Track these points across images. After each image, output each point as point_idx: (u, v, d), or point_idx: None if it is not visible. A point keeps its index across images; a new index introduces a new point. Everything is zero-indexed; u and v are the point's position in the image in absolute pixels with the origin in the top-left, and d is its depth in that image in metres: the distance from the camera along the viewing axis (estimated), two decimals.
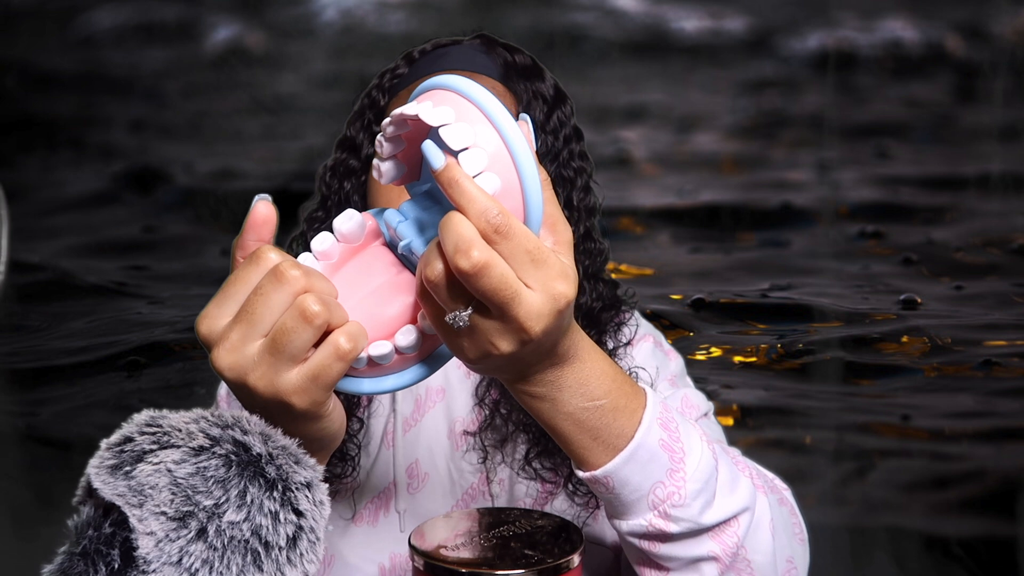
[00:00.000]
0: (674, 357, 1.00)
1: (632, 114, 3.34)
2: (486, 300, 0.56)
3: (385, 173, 0.63)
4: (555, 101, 0.92)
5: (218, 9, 3.24)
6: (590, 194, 0.95)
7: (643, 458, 0.68)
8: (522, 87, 0.90)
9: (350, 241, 0.64)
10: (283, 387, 0.58)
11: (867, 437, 2.30)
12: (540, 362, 0.63)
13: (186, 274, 2.94)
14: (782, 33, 3.36)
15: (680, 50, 3.40)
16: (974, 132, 3.18)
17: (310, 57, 3.28)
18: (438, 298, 0.57)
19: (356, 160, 0.94)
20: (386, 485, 0.93)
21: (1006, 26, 3.12)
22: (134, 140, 3.28)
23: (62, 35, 3.23)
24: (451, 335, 0.59)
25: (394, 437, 0.93)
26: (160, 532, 0.59)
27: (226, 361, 0.58)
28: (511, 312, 0.57)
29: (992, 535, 2.07)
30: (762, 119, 3.38)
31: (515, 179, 0.56)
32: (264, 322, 0.57)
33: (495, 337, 0.58)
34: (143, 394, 2.39)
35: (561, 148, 0.92)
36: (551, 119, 0.91)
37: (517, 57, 0.93)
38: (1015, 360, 2.41)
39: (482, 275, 0.54)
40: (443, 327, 0.59)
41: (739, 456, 0.83)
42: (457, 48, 0.93)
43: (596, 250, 0.95)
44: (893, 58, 3.31)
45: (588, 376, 0.66)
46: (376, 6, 3.24)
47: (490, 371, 0.64)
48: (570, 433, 0.67)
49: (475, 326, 0.58)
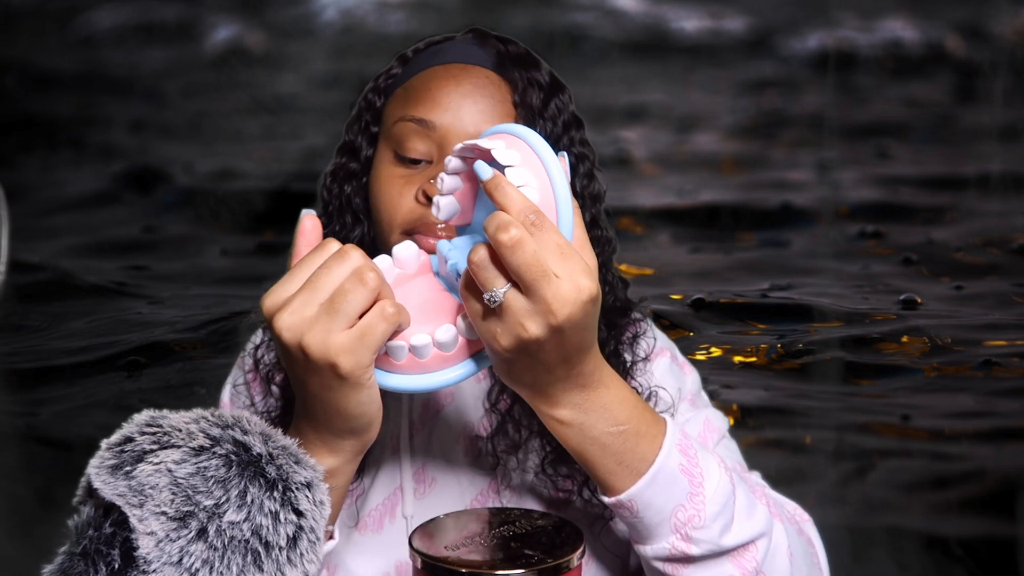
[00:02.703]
0: (690, 371, 0.99)
1: (632, 114, 3.34)
2: (519, 276, 0.63)
3: (444, 208, 0.72)
4: (551, 88, 0.91)
5: (218, 9, 3.24)
6: (594, 181, 0.94)
7: (664, 481, 0.72)
8: (516, 75, 0.89)
9: (404, 267, 0.73)
10: (333, 345, 0.64)
11: (867, 437, 2.30)
12: (567, 377, 0.69)
13: (186, 274, 2.94)
14: (782, 33, 3.36)
15: (680, 50, 3.40)
16: (974, 132, 3.18)
17: (310, 57, 3.28)
18: (479, 280, 0.64)
19: (356, 163, 0.93)
20: (392, 490, 0.91)
21: (1006, 26, 3.12)
22: (134, 140, 3.28)
23: (62, 35, 3.24)
24: (487, 323, 0.66)
25: (401, 441, 0.92)
26: (160, 532, 0.59)
27: (286, 323, 0.65)
28: (540, 291, 0.63)
29: (992, 535, 2.07)
30: (762, 119, 3.38)
31: (552, 200, 0.66)
32: (325, 289, 0.65)
33: (525, 318, 0.64)
34: (143, 394, 2.39)
35: (561, 134, 0.91)
36: (548, 106, 0.90)
37: (510, 47, 0.92)
38: (1015, 360, 2.41)
39: (517, 248, 0.62)
40: (480, 314, 0.66)
41: (758, 481, 0.87)
42: (451, 43, 0.93)
43: (604, 238, 0.94)
44: (893, 58, 3.31)
45: (612, 401, 0.71)
46: (376, 6, 3.24)
47: (519, 375, 0.69)
48: (596, 458, 0.72)
49: (508, 306, 0.64)
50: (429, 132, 0.86)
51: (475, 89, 0.87)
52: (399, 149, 0.88)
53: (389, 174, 0.88)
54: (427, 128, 0.86)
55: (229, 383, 1.02)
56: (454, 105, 0.86)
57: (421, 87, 0.89)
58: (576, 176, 0.92)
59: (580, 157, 0.93)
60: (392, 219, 0.87)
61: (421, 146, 0.87)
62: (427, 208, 0.85)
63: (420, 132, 0.86)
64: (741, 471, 0.91)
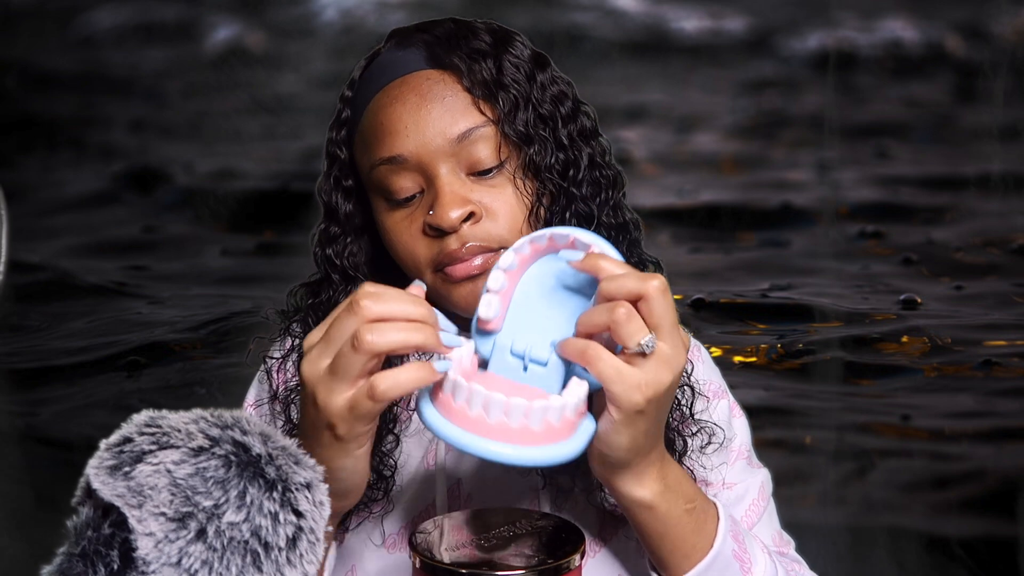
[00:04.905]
0: (739, 416, 0.95)
1: (632, 114, 3.34)
2: (666, 320, 0.65)
3: (493, 307, 0.70)
4: (497, 46, 0.84)
5: (218, 9, 3.24)
6: (580, 116, 0.87)
7: (721, 565, 0.75)
8: (454, 58, 0.82)
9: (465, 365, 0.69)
10: (332, 408, 0.65)
11: (867, 437, 2.30)
12: (655, 446, 0.70)
13: (186, 274, 2.94)
14: (782, 33, 3.36)
15: (680, 50, 3.40)
16: (974, 132, 3.18)
17: (310, 57, 3.28)
18: (625, 333, 0.64)
19: (336, 226, 0.89)
20: (424, 507, 0.87)
21: (1006, 26, 3.12)
22: (134, 140, 3.28)
23: (62, 35, 3.24)
24: (630, 376, 0.65)
25: (437, 456, 0.88)
26: (159, 533, 0.59)
27: (305, 371, 0.66)
28: (674, 336, 0.66)
29: (992, 535, 2.07)
30: (762, 119, 3.38)
31: None
32: (335, 344, 0.64)
33: (663, 364, 0.66)
34: (143, 394, 2.39)
35: (536, 94, 0.83)
36: (504, 69, 0.83)
37: (436, 31, 0.85)
38: (1015, 360, 2.41)
39: (666, 292, 0.65)
40: (620, 370, 0.65)
41: (795, 558, 0.90)
42: (379, 60, 0.86)
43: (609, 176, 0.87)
44: (893, 58, 3.31)
45: (681, 476, 0.74)
46: (376, 6, 3.24)
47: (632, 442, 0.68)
48: (676, 538, 0.74)
49: (656, 352, 0.66)
50: (404, 166, 0.81)
51: (421, 98, 0.81)
52: (387, 195, 0.83)
53: (393, 222, 0.84)
54: (400, 163, 0.81)
55: (252, 399, 0.96)
56: (411, 126, 0.81)
57: (373, 125, 0.83)
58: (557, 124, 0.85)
59: (557, 98, 0.85)
60: (417, 263, 0.83)
61: (406, 183, 0.82)
62: (439, 239, 0.81)
63: (396, 170, 0.82)
64: (780, 542, 0.91)
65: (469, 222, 0.80)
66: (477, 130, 0.81)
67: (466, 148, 0.81)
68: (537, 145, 0.82)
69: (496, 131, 0.82)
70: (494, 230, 0.81)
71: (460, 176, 0.82)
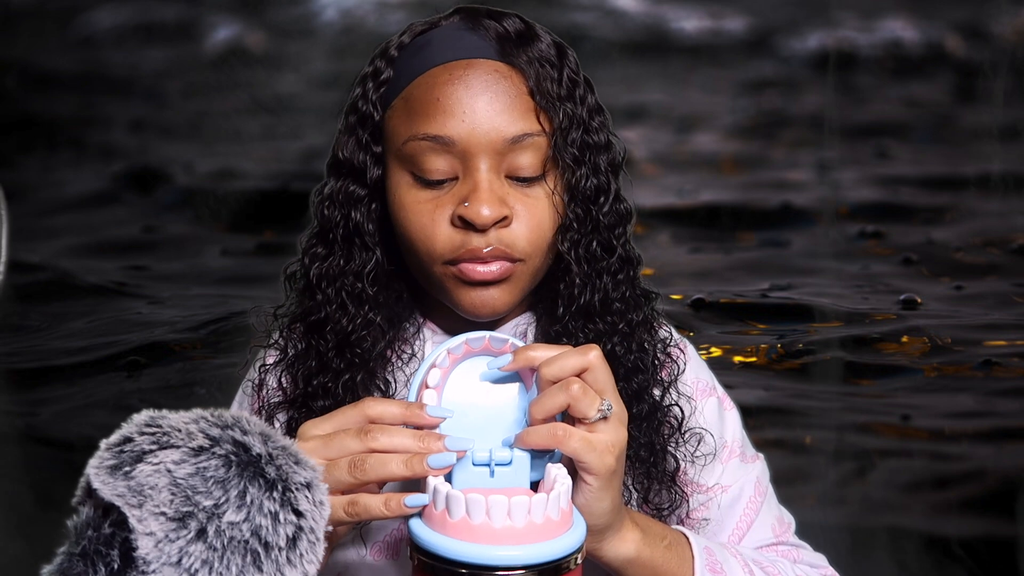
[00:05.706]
0: (730, 408, 0.95)
1: (632, 114, 3.34)
2: (608, 383, 0.71)
3: (434, 401, 0.73)
4: (559, 58, 0.83)
5: (218, 9, 3.24)
6: (613, 148, 0.87)
7: None
8: (524, 60, 0.80)
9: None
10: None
11: (867, 437, 2.30)
12: (620, 495, 0.74)
13: (186, 274, 2.94)
14: (782, 33, 3.36)
15: (680, 50, 3.40)
16: (974, 132, 3.18)
17: (310, 57, 3.28)
18: (582, 407, 0.69)
19: (362, 187, 0.84)
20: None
21: (1006, 26, 3.12)
22: (134, 140, 3.28)
23: (62, 35, 3.23)
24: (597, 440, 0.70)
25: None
26: (160, 532, 0.59)
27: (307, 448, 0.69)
28: (616, 396, 0.72)
29: (992, 535, 2.07)
30: (762, 119, 3.38)
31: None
32: (333, 452, 0.69)
33: (619, 423, 0.71)
34: (143, 394, 2.39)
35: (585, 116, 0.83)
36: (562, 82, 0.82)
37: (507, 24, 0.82)
38: (1015, 360, 2.41)
39: (602, 357, 0.71)
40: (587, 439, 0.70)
41: (797, 543, 0.92)
42: (441, 34, 0.83)
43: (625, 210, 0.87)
44: (893, 58, 3.31)
45: (644, 515, 0.79)
46: (376, 6, 3.24)
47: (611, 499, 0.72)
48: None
49: (614, 412, 0.71)
50: (448, 148, 0.78)
51: (486, 88, 0.79)
52: (418, 171, 0.80)
53: (414, 200, 0.80)
54: (445, 145, 0.78)
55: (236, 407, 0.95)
56: (469, 112, 0.78)
57: (425, 98, 0.79)
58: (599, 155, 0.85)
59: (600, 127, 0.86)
60: (431, 251, 0.80)
61: (442, 165, 0.79)
62: (466, 233, 0.79)
63: (438, 150, 0.78)
64: (779, 529, 0.91)
65: (500, 224, 0.79)
66: (531, 137, 0.80)
67: (515, 151, 0.79)
68: (584, 168, 0.82)
69: (548, 143, 0.80)
70: (520, 240, 0.80)
71: (500, 176, 0.80)
